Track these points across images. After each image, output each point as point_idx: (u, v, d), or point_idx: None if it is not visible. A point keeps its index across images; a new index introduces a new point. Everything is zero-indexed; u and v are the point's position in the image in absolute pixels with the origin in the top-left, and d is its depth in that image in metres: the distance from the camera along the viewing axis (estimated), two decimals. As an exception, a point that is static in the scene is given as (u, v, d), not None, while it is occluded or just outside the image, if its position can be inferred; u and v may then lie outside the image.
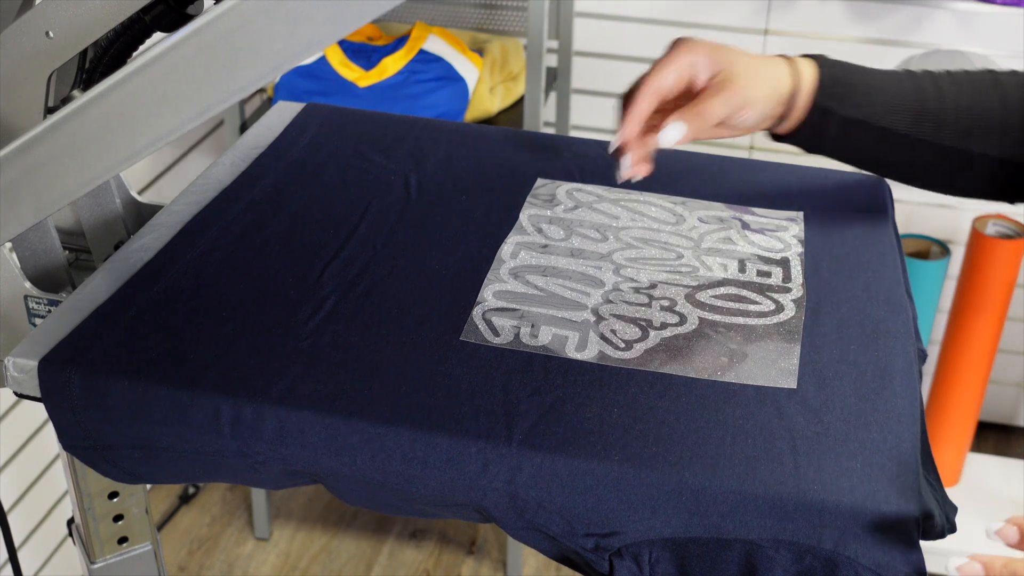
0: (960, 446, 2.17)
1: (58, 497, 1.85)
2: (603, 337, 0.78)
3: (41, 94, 0.78)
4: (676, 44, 0.82)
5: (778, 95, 0.84)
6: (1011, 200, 0.89)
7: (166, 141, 0.69)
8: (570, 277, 0.84)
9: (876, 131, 0.85)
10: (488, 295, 0.82)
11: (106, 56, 0.80)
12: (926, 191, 0.89)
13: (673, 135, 0.79)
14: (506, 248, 0.87)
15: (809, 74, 0.85)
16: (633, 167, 0.83)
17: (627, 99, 0.83)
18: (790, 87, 0.84)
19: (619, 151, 0.84)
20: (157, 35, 0.78)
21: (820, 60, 0.86)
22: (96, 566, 0.94)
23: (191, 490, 2.23)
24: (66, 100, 0.83)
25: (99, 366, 0.73)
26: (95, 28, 0.75)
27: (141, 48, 0.79)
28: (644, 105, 0.80)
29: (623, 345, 0.77)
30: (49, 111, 0.79)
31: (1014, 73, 0.88)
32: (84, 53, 0.82)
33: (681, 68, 0.81)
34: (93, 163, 0.71)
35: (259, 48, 0.65)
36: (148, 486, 0.90)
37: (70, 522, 0.97)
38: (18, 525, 1.75)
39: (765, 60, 0.84)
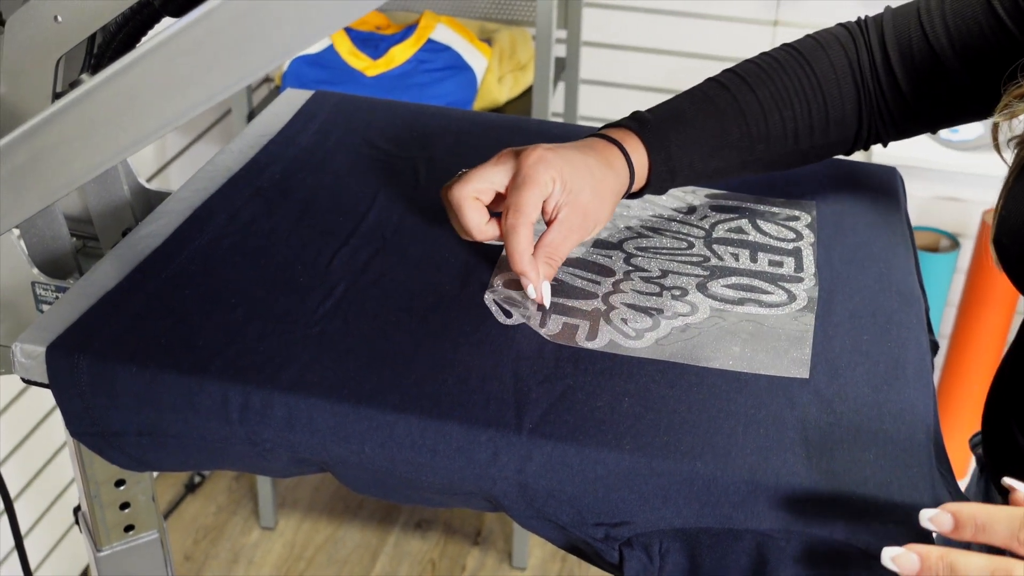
0: (968, 439, 2.17)
1: (65, 485, 1.85)
2: (614, 326, 0.77)
3: (49, 79, 0.77)
4: (532, 159, 0.78)
5: (618, 199, 0.83)
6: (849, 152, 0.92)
7: (174, 126, 0.69)
8: (580, 266, 0.84)
9: (713, 172, 0.87)
10: (498, 283, 0.81)
11: (115, 41, 0.80)
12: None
13: (547, 293, 0.78)
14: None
15: (641, 161, 0.83)
16: (544, 286, 0.79)
17: (449, 192, 0.80)
18: (627, 185, 0.83)
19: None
20: (166, 20, 0.78)
21: (645, 137, 0.84)
22: (102, 554, 0.94)
23: (197, 479, 2.23)
24: (74, 85, 0.82)
25: (107, 352, 0.73)
26: (104, 13, 0.74)
27: (150, 33, 0.79)
28: (527, 244, 0.77)
29: (634, 334, 0.76)
30: (57, 96, 0.78)
31: (807, 41, 0.89)
32: (92, 38, 0.81)
33: (545, 194, 0.78)
34: (101, 148, 0.70)
35: (267, 32, 0.64)
36: (155, 474, 0.90)
37: (76, 510, 0.97)
38: (25, 513, 1.75)
39: (606, 171, 0.81)
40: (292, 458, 0.72)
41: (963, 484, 2.01)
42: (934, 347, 0.83)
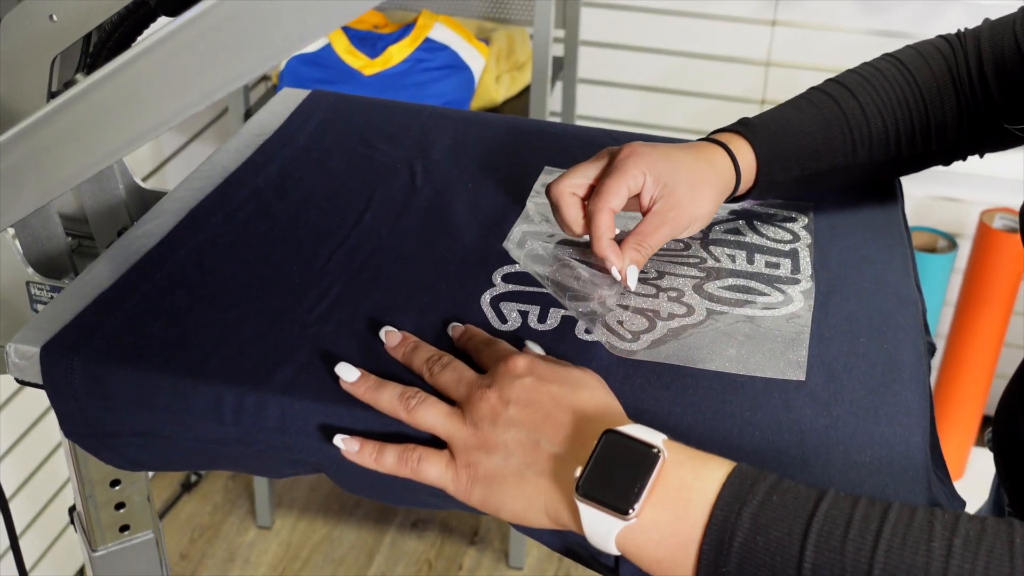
0: (965, 440, 2.17)
1: (60, 485, 1.85)
2: (609, 328, 0.77)
3: (44, 78, 0.77)
4: (623, 153, 0.81)
5: (721, 198, 0.85)
6: (948, 163, 0.93)
7: (170, 126, 0.69)
8: (577, 267, 0.84)
9: (818, 175, 0.89)
10: (495, 283, 0.81)
11: (110, 40, 0.80)
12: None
13: (634, 277, 0.80)
14: (512, 237, 0.87)
15: (748, 161, 0.85)
16: (630, 270, 0.81)
17: (548, 189, 0.83)
18: (732, 185, 0.85)
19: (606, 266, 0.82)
20: (162, 20, 0.77)
21: (752, 138, 0.86)
22: (98, 554, 0.94)
23: (193, 478, 2.23)
24: (69, 84, 0.82)
25: (101, 353, 0.72)
26: (99, 12, 0.74)
27: (146, 32, 0.79)
28: (606, 228, 0.79)
29: (630, 336, 0.76)
30: (52, 95, 0.78)
31: (907, 51, 0.91)
32: (88, 37, 0.81)
33: (632, 186, 0.80)
34: (96, 147, 0.70)
35: (264, 32, 0.64)
36: (150, 474, 0.90)
37: (72, 510, 0.97)
38: (20, 512, 1.75)
39: (706, 167, 0.83)
40: (287, 459, 0.72)
41: (959, 485, 2.01)
42: (931, 349, 0.83)
